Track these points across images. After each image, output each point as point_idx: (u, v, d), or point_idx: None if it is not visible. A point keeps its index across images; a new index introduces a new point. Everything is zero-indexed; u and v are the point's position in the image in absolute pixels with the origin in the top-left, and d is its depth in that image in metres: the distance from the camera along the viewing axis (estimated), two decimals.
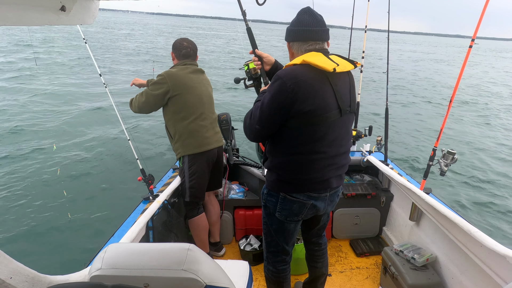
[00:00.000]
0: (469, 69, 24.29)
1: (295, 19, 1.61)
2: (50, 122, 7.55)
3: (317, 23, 1.57)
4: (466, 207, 5.09)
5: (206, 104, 2.54)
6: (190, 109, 2.44)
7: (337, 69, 1.48)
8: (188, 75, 2.45)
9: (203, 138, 2.49)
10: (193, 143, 2.47)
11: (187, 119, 2.44)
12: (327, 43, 1.65)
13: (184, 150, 2.49)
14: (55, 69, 13.88)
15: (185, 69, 2.45)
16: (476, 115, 10.79)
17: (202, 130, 2.49)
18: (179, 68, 2.46)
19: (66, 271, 1.42)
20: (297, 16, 1.61)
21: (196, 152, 2.49)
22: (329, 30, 1.62)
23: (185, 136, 2.46)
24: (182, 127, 2.45)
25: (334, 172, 1.68)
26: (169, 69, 2.49)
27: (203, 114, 2.50)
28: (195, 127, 2.46)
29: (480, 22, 2.12)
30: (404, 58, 33.21)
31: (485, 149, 7.66)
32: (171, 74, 2.39)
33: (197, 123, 2.47)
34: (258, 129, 1.59)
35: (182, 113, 2.43)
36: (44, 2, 1.10)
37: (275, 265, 1.94)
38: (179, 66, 2.49)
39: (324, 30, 1.59)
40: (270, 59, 1.90)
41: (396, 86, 14.90)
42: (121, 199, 4.57)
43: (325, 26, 1.60)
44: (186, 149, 2.49)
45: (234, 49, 28.16)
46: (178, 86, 2.39)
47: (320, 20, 1.58)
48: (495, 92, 15.89)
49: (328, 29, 1.62)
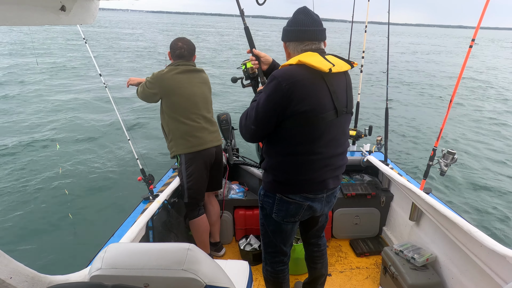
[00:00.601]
0: (470, 63, 24.16)
1: (291, 19, 1.60)
2: (50, 122, 7.56)
3: (313, 23, 1.56)
4: (466, 207, 5.08)
5: (199, 103, 2.50)
6: (179, 110, 2.43)
7: (333, 69, 1.47)
8: (175, 76, 2.41)
9: (194, 138, 2.47)
10: (186, 143, 2.47)
11: (177, 119, 2.44)
12: (324, 43, 1.64)
13: (177, 149, 2.50)
14: (55, 68, 13.88)
15: (173, 70, 2.43)
16: (475, 114, 10.78)
17: (193, 131, 2.47)
18: (168, 69, 2.45)
19: (66, 271, 1.42)
20: (293, 16, 1.60)
21: (189, 151, 2.48)
22: (325, 30, 1.62)
23: (177, 135, 2.47)
24: (174, 127, 2.46)
25: (331, 173, 1.67)
26: (160, 70, 2.50)
27: (194, 114, 2.47)
28: (185, 128, 2.45)
29: (480, 22, 2.11)
30: (404, 51, 33.17)
31: (485, 149, 7.65)
32: (158, 77, 2.41)
33: (188, 124, 2.45)
34: (254, 129, 1.58)
35: (173, 114, 2.44)
36: (44, 2, 1.10)
37: (273, 266, 1.93)
38: (170, 66, 2.48)
39: (321, 30, 1.59)
40: (268, 58, 1.89)
41: (397, 83, 14.87)
42: (121, 199, 4.57)
43: (322, 26, 1.59)
44: (179, 148, 2.49)
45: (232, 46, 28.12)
46: (165, 88, 2.40)
47: (316, 20, 1.57)
48: (495, 85, 15.83)
49: (324, 29, 1.61)
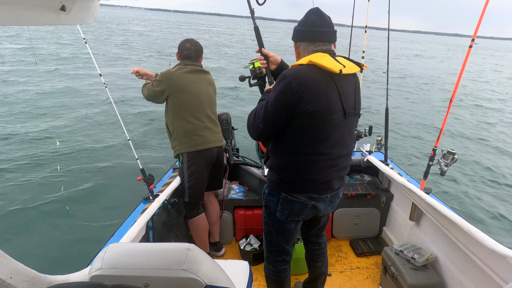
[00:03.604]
0: (468, 68, 24.35)
1: (303, 19, 1.60)
2: (50, 122, 7.55)
3: (325, 24, 1.56)
4: (466, 207, 5.09)
5: (205, 103, 2.56)
6: (186, 108, 2.48)
7: (343, 70, 1.47)
8: (184, 74, 2.49)
9: (198, 136, 2.52)
10: (189, 142, 2.51)
11: (183, 117, 2.48)
12: (334, 45, 1.64)
13: (180, 148, 2.53)
14: (55, 68, 13.87)
15: (182, 69, 2.50)
16: (476, 114, 10.78)
17: (197, 129, 2.51)
18: (177, 68, 2.52)
19: (66, 271, 1.42)
20: (305, 16, 1.60)
21: (193, 150, 2.51)
22: (336, 31, 1.61)
23: (181, 134, 2.50)
24: (179, 126, 2.50)
25: (336, 173, 1.68)
26: (169, 69, 2.56)
27: (200, 114, 2.53)
28: (190, 126, 2.50)
29: (480, 22, 2.11)
30: (401, 55, 33.28)
31: (485, 149, 7.65)
32: (167, 74, 2.48)
33: (193, 122, 2.50)
34: (262, 128, 1.58)
35: (179, 112, 2.48)
36: (44, 2, 1.10)
37: (275, 264, 1.94)
38: (179, 66, 2.55)
39: (332, 32, 1.59)
40: (276, 58, 1.88)
41: (396, 84, 14.88)
42: (121, 199, 4.57)
43: (333, 28, 1.59)
44: (182, 147, 2.52)
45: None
46: (173, 86, 2.45)
47: (328, 21, 1.57)
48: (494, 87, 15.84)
49: (335, 30, 1.60)
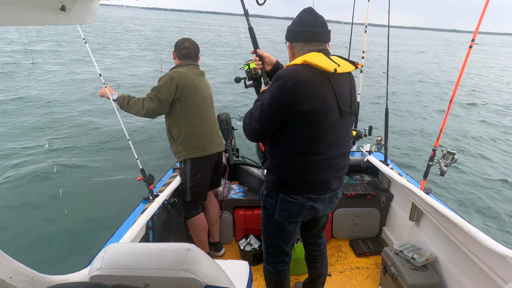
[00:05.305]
0: (468, 69, 24.39)
1: (298, 19, 1.60)
2: (49, 121, 7.54)
3: (320, 24, 1.57)
4: (466, 207, 5.09)
5: (209, 106, 2.53)
6: (197, 111, 2.41)
7: (338, 69, 1.47)
8: (196, 76, 2.43)
9: (207, 141, 2.47)
10: (198, 146, 2.45)
11: (193, 121, 2.40)
12: (328, 44, 1.64)
13: (188, 153, 2.45)
14: (54, 67, 13.87)
15: (193, 70, 2.43)
16: (475, 113, 10.78)
17: (207, 134, 2.47)
18: (187, 69, 2.41)
19: (66, 271, 1.42)
20: (299, 16, 1.60)
21: (200, 156, 2.46)
22: (330, 31, 1.62)
23: (191, 138, 2.42)
24: (188, 129, 2.41)
25: (334, 173, 1.68)
26: (176, 69, 2.42)
27: (208, 117, 2.49)
28: (201, 130, 2.44)
29: (480, 23, 2.10)
30: (400, 51, 33.36)
31: (485, 149, 7.65)
32: (182, 74, 2.33)
33: (203, 126, 2.45)
34: (258, 129, 1.58)
35: (189, 115, 2.39)
36: (44, 2, 1.10)
37: (274, 266, 1.94)
38: (185, 66, 2.44)
39: (327, 32, 1.60)
40: (272, 59, 1.89)
41: (397, 83, 14.87)
42: (121, 199, 4.56)
43: (327, 28, 1.60)
44: (190, 153, 2.45)
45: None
46: (187, 87, 2.35)
47: (323, 21, 1.58)
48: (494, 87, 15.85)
49: (330, 30, 1.61)
